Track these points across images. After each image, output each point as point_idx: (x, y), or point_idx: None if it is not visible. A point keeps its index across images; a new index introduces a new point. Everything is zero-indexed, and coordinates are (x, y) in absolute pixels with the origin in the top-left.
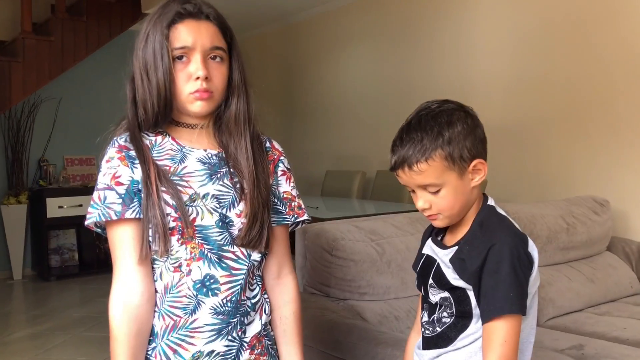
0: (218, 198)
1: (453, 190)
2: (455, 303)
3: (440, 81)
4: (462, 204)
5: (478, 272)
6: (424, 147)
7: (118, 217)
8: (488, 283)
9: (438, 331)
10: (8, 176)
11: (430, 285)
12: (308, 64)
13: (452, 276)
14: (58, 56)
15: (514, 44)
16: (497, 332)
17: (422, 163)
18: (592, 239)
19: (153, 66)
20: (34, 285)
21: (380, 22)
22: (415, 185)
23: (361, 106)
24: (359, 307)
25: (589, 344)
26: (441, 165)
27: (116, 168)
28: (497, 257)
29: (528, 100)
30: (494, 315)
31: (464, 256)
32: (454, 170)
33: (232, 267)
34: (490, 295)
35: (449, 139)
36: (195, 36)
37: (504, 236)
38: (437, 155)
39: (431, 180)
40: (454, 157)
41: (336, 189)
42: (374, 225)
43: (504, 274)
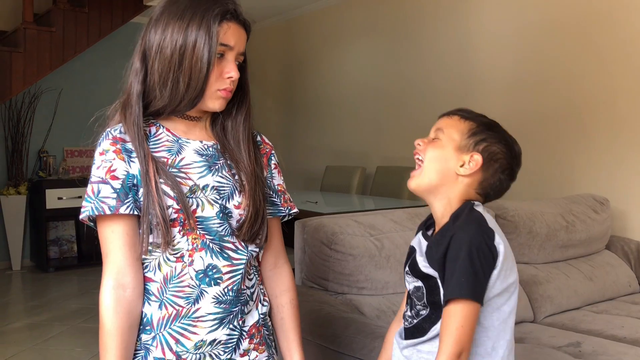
0: (218, 189)
1: (441, 149)
2: (427, 293)
3: (441, 77)
4: (437, 171)
5: (442, 259)
6: (467, 114)
7: (112, 212)
8: (448, 269)
9: (414, 322)
10: (8, 167)
11: (407, 272)
12: (308, 59)
13: (423, 264)
14: (59, 47)
15: (515, 42)
16: (453, 317)
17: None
18: (591, 238)
19: (192, 52)
20: (32, 276)
21: (381, 18)
22: (435, 128)
23: (361, 102)
24: (357, 301)
25: (586, 341)
26: (457, 126)
27: (111, 161)
28: (457, 245)
29: (529, 98)
30: (448, 297)
31: (432, 244)
32: (460, 140)
33: (233, 257)
34: (449, 280)
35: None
36: (237, 39)
37: (467, 227)
38: (467, 123)
39: (443, 125)
40: (469, 135)
41: (336, 185)
42: (373, 220)
43: (460, 260)
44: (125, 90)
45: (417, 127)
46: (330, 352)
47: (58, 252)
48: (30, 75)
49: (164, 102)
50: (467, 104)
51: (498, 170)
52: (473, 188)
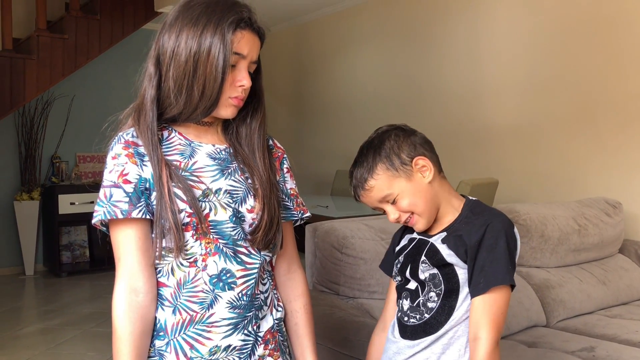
0: (231, 193)
1: (408, 193)
2: (444, 280)
3: (451, 81)
4: (426, 201)
5: (476, 246)
6: (366, 168)
7: (124, 216)
8: (487, 257)
9: (426, 317)
10: (21, 172)
11: (422, 262)
12: (319, 63)
13: (446, 252)
14: (71, 54)
15: (526, 44)
16: (495, 302)
17: (369, 181)
18: (604, 241)
19: (206, 60)
20: (45, 281)
21: (392, 22)
22: (377, 202)
23: (372, 106)
24: (368, 305)
25: (600, 346)
26: (386, 176)
27: (123, 165)
28: (495, 234)
29: (540, 100)
30: (493, 284)
31: (461, 232)
32: (400, 175)
33: (246, 262)
34: (489, 268)
35: (386, 153)
36: (250, 48)
37: (499, 216)
38: (378, 168)
39: (384, 191)
40: (395, 166)
41: (346, 189)
42: (384, 224)
43: (502, 249)
44: (139, 95)
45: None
46: (342, 356)
47: (70, 257)
48: (43, 82)
49: (178, 109)
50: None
51: (422, 144)
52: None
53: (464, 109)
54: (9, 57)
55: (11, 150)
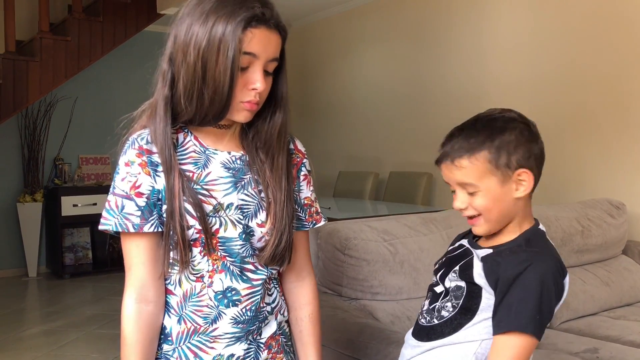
0: (242, 208)
1: (491, 195)
2: (466, 296)
3: (454, 82)
4: (501, 212)
5: (510, 280)
6: (470, 145)
7: (136, 230)
8: (518, 295)
9: (434, 323)
10: (24, 174)
11: (454, 271)
12: (322, 65)
13: (478, 272)
14: (74, 56)
15: (531, 45)
16: (512, 348)
17: (464, 159)
18: (607, 242)
19: (215, 63)
20: (48, 283)
21: (395, 23)
22: (454, 182)
23: (374, 107)
24: (371, 306)
25: (603, 347)
26: (483, 167)
27: (136, 176)
28: (534, 276)
29: (544, 101)
30: (513, 328)
31: (500, 259)
32: (496, 175)
33: (253, 279)
34: (515, 308)
35: (499, 144)
36: (264, 46)
37: (549, 260)
38: (481, 155)
39: (470, 179)
40: (498, 163)
41: (349, 190)
42: (387, 226)
43: (537, 294)
44: (154, 92)
45: (431, 132)
46: (345, 358)
47: (73, 258)
48: (46, 84)
49: (189, 115)
50: (481, 109)
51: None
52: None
53: (469, 110)
54: (12, 59)
55: (14, 152)
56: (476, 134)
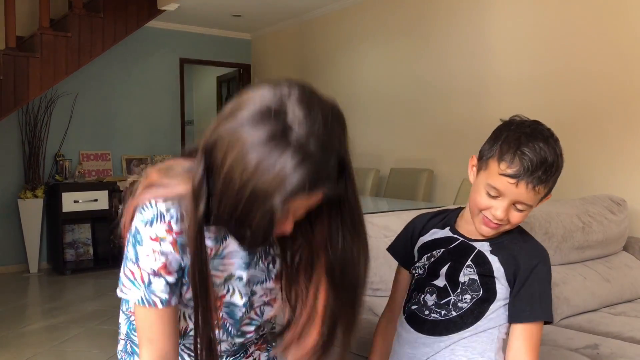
0: (250, 281)
1: (526, 214)
2: (483, 288)
3: (455, 79)
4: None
5: (527, 273)
6: (548, 177)
7: (164, 306)
8: (536, 288)
9: (453, 315)
10: (25, 170)
11: (468, 266)
12: (322, 61)
13: (497, 266)
14: (75, 52)
15: (530, 41)
16: (537, 335)
17: (541, 187)
18: (608, 239)
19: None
20: (49, 279)
21: (395, 20)
22: (515, 198)
23: (375, 104)
24: (370, 302)
25: (604, 343)
26: (543, 192)
27: (167, 255)
28: (546, 270)
29: (544, 98)
30: (541, 318)
31: (515, 254)
32: (541, 197)
33: (247, 332)
34: (537, 300)
35: (556, 178)
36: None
37: (546, 253)
38: (550, 184)
39: (532, 202)
40: (549, 188)
41: None
42: (387, 222)
43: (549, 287)
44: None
45: (432, 128)
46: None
47: (74, 254)
48: (47, 80)
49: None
50: (481, 105)
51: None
52: None
53: (468, 106)
54: (12, 55)
55: (15, 148)
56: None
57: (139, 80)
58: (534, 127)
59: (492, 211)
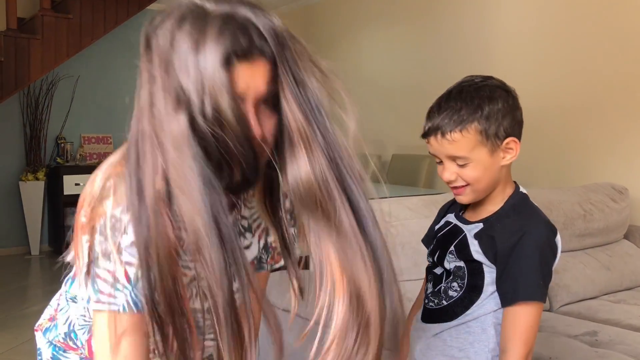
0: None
1: (481, 166)
2: (469, 275)
3: (458, 66)
4: (489, 181)
5: (508, 252)
6: (460, 117)
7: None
8: (518, 266)
9: (444, 304)
10: (26, 153)
11: (450, 252)
12: (324, 46)
13: (476, 249)
14: (76, 34)
15: (534, 30)
16: (523, 317)
17: (455, 133)
18: (609, 227)
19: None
20: (50, 261)
21: (399, 4)
22: (444, 155)
23: (377, 89)
24: None
25: (603, 330)
26: (474, 139)
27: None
28: (532, 244)
29: (548, 85)
30: (522, 299)
31: (494, 234)
32: (486, 146)
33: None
34: (519, 279)
35: (488, 114)
36: (247, 83)
37: (539, 224)
38: (472, 127)
39: (462, 152)
40: (488, 134)
41: None
42: (388, 208)
43: (536, 262)
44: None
45: None
46: None
47: None
48: (48, 62)
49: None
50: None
51: (520, 124)
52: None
53: None
54: (13, 37)
55: (16, 131)
56: (465, 105)
57: None
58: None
59: (443, 177)
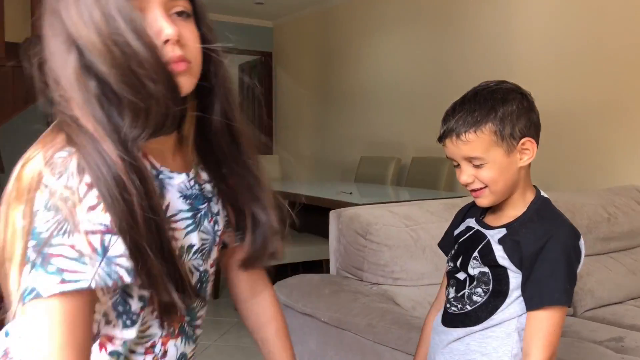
0: (201, 250)
1: (497, 167)
2: (494, 280)
3: (478, 66)
4: (506, 182)
5: (533, 257)
6: (474, 118)
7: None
8: (543, 271)
9: (467, 309)
10: None
11: (474, 258)
12: (344, 48)
13: (501, 254)
14: None
15: (556, 29)
16: (547, 321)
17: (470, 133)
18: (634, 230)
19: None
20: None
21: (418, 6)
22: (461, 157)
23: (397, 92)
24: (392, 292)
25: (629, 336)
26: (489, 139)
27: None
28: (557, 248)
29: (571, 86)
30: (547, 304)
31: (519, 238)
32: (502, 146)
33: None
34: (545, 283)
35: (502, 115)
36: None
37: (564, 228)
38: (487, 128)
39: (477, 153)
40: (503, 134)
41: (370, 175)
42: (408, 211)
43: (563, 266)
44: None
45: None
46: (365, 342)
47: None
48: None
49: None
50: None
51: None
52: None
53: None
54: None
55: None
56: (479, 107)
57: None
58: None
59: (460, 180)
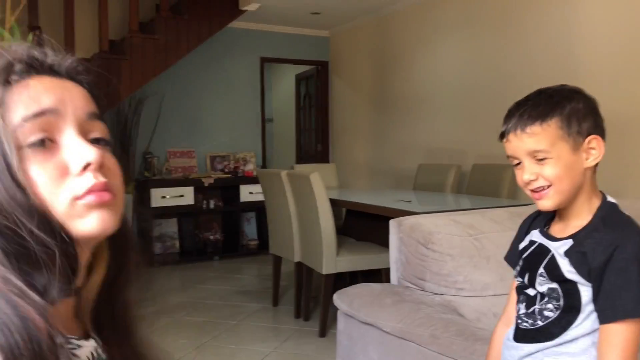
0: None
1: (563, 163)
2: (564, 296)
3: (541, 71)
4: (572, 182)
5: (601, 268)
6: (540, 112)
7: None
8: (614, 282)
9: (539, 325)
10: None
11: (540, 274)
12: (401, 55)
13: (567, 269)
14: (162, 53)
15: (623, 33)
16: (622, 335)
17: (536, 126)
18: None
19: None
20: None
21: (477, 11)
22: (524, 153)
23: (456, 98)
24: (455, 302)
25: None
26: (555, 133)
27: None
28: (626, 257)
29: (637, 91)
30: (620, 317)
31: (585, 249)
32: (568, 142)
33: None
34: (617, 295)
35: (569, 112)
36: (60, 95)
37: (633, 235)
38: (553, 121)
39: (543, 145)
40: (570, 130)
41: (429, 183)
42: (471, 220)
43: (633, 275)
44: None
45: None
46: (429, 353)
47: (162, 247)
48: (136, 81)
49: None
50: None
51: (603, 128)
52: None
53: None
54: (105, 58)
55: None
56: (544, 103)
57: (221, 79)
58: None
59: (522, 179)
